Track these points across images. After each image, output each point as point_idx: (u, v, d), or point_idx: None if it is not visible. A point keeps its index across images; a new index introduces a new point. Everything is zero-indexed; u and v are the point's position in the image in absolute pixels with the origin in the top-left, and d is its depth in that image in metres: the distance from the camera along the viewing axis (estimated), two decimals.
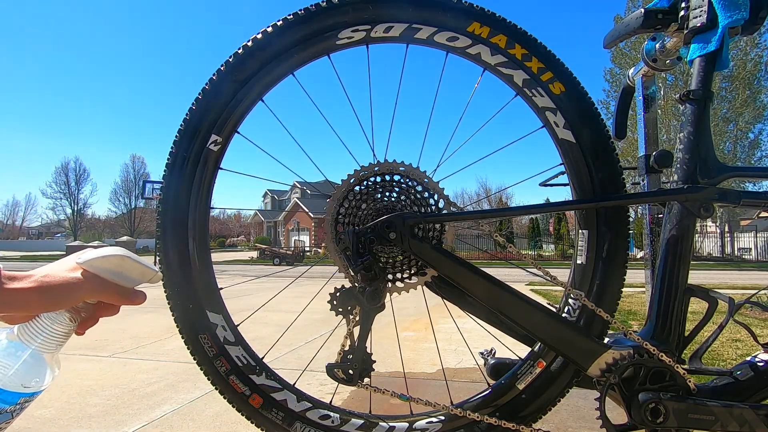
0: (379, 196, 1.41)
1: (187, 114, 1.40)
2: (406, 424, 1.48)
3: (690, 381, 1.33)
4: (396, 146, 1.49)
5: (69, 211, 73.51)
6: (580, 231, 1.48)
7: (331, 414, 1.47)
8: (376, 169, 1.40)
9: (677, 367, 1.33)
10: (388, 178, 1.41)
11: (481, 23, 1.40)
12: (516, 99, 1.48)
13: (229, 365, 1.41)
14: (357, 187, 1.41)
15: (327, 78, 1.49)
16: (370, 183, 1.41)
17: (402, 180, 1.41)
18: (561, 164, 1.49)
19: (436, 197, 1.42)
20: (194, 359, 1.41)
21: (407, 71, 1.55)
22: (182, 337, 1.40)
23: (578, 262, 1.48)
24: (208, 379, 1.41)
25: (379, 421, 1.47)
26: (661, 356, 1.32)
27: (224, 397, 1.42)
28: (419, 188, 1.42)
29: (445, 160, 1.51)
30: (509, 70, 1.43)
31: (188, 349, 1.41)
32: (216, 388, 1.42)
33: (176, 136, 1.40)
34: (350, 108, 1.52)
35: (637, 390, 1.32)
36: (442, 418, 1.48)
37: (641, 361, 1.32)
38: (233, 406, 1.42)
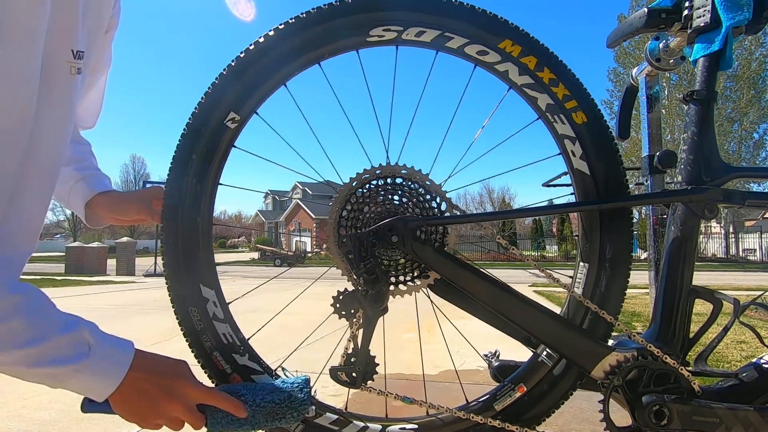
0: (381, 198, 1.41)
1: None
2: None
3: (694, 383, 1.33)
4: (406, 150, 1.49)
5: (68, 211, 73.53)
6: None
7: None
8: (378, 172, 1.40)
9: (681, 369, 1.33)
10: (391, 181, 1.41)
11: (513, 41, 1.39)
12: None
13: (214, 341, 1.40)
14: (360, 190, 1.41)
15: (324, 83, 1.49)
16: (373, 186, 1.41)
17: (405, 183, 1.41)
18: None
19: (438, 200, 1.42)
20: (181, 330, 1.39)
21: (411, 74, 1.55)
22: (173, 307, 1.38)
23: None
24: (192, 353, 1.40)
25: (353, 420, 1.47)
26: (666, 358, 1.32)
27: (205, 372, 1.41)
28: (422, 191, 1.42)
29: (458, 172, 1.51)
30: (535, 93, 1.42)
31: (177, 319, 1.39)
32: (199, 362, 1.40)
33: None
34: (356, 110, 1.52)
35: (641, 392, 1.32)
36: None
37: (645, 363, 1.33)
38: (212, 382, 1.41)
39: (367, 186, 1.41)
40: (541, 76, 1.40)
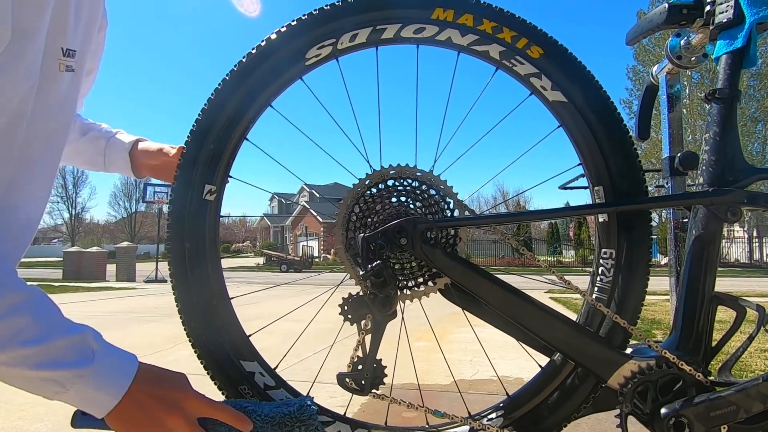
0: (392, 200, 1.42)
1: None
2: None
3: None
4: (410, 150, 1.50)
5: (66, 215, 73.98)
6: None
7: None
8: (392, 172, 1.41)
9: (703, 378, 1.32)
10: (401, 181, 1.42)
11: (444, 8, 1.41)
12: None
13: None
14: (369, 191, 1.42)
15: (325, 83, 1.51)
16: (382, 187, 1.42)
17: (415, 184, 1.42)
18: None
19: (449, 201, 1.42)
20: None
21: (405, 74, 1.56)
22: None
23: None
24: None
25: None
26: (686, 367, 1.32)
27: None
28: (432, 192, 1.42)
29: (454, 162, 1.51)
30: (483, 47, 1.44)
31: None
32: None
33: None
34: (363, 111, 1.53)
35: (660, 403, 1.31)
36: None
37: (664, 373, 1.32)
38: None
39: (378, 186, 1.42)
40: (483, 29, 1.42)
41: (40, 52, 1.07)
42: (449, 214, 1.43)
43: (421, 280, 1.44)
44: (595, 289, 1.48)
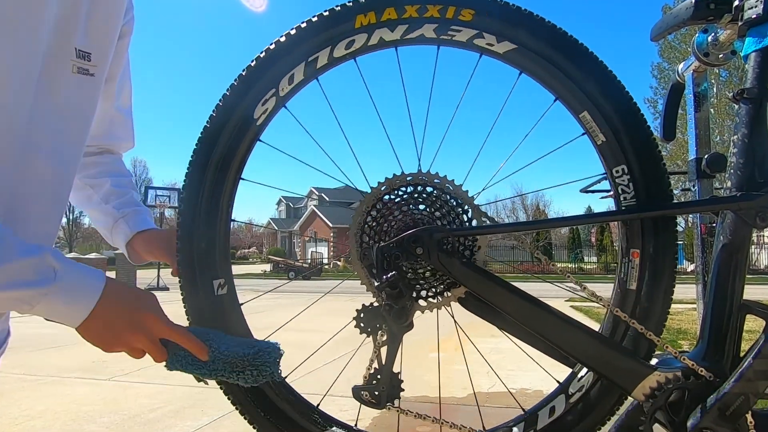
0: (409, 208, 1.43)
1: None
2: None
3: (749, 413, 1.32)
4: (430, 157, 1.51)
5: (64, 220, 74.01)
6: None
7: None
8: (409, 179, 1.42)
9: None
10: (419, 188, 1.43)
11: (363, 13, 1.43)
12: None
13: None
14: (386, 197, 1.43)
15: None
16: (399, 193, 1.43)
17: (433, 191, 1.43)
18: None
19: (467, 209, 1.43)
20: None
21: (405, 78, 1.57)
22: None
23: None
24: None
25: None
26: (713, 379, 1.32)
27: None
28: (449, 199, 1.43)
29: (491, 183, 1.52)
30: (416, 32, 1.46)
31: None
32: None
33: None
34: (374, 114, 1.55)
35: (687, 415, 1.31)
36: None
37: (690, 384, 1.32)
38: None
39: (395, 193, 1.43)
40: (408, 15, 1.44)
41: (38, 46, 1.10)
42: (467, 222, 1.43)
43: (437, 290, 1.45)
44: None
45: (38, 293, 1.01)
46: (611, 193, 1.50)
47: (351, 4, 1.43)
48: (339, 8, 1.43)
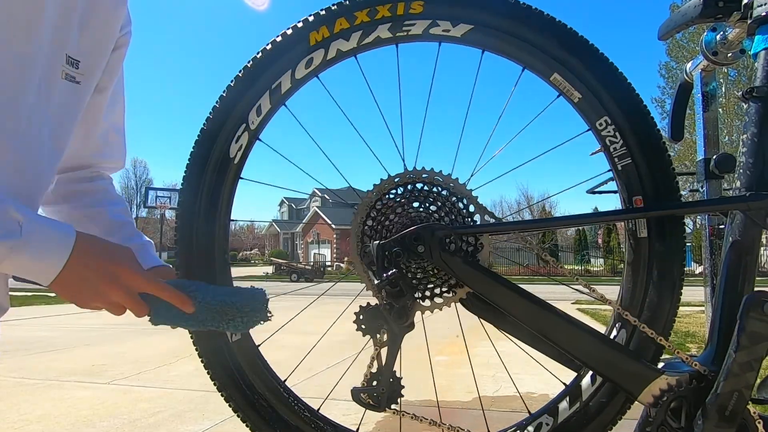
0: (414, 205, 1.42)
1: None
2: None
3: (755, 412, 1.31)
4: (429, 153, 1.51)
5: None
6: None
7: None
8: (410, 176, 1.42)
9: None
10: (419, 186, 1.42)
11: (315, 29, 1.46)
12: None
13: None
14: (388, 195, 1.42)
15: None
16: (400, 191, 1.42)
17: (435, 189, 1.42)
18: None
19: (470, 207, 1.42)
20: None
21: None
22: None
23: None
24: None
25: None
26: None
27: None
28: (451, 197, 1.42)
29: (494, 178, 1.51)
30: (372, 36, 1.47)
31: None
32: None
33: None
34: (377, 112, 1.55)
35: (694, 420, 1.30)
36: None
37: (698, 389, 1.31)
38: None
39: (396, 191, 1.43)
40: (360, 21, 1.46)
41: (39, 45, 1.10)
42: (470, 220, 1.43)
43: (439, 290, 1.44)
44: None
45: (5, 247, 0.98)
46: (600, 148, 1.50)
47: (301, 24, 1.46)
48: (290, 31, 1.46)
